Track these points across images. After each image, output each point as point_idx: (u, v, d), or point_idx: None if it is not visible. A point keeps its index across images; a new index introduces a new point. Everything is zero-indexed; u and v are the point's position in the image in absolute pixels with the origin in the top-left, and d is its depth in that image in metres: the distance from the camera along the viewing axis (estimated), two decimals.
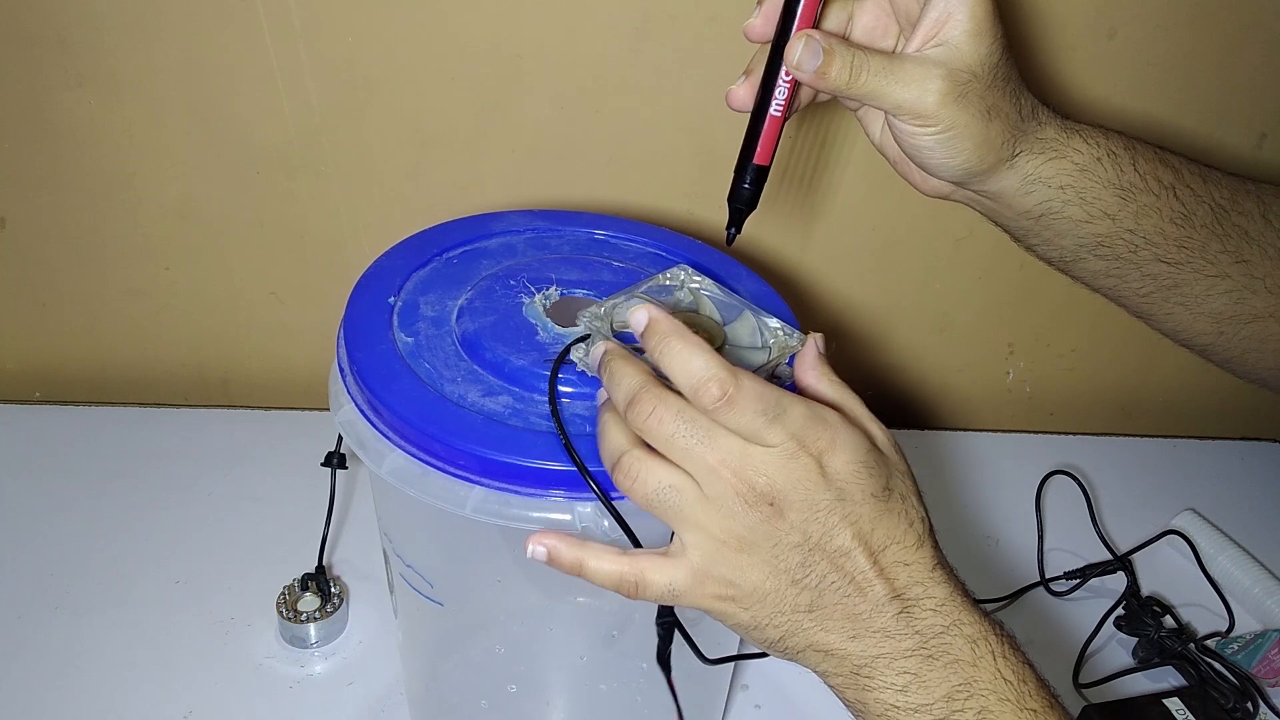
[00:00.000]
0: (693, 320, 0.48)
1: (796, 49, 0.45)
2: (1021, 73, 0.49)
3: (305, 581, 0.71)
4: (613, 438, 0.42)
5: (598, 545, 0.42)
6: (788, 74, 0.47)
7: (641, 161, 0.85)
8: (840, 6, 0.50)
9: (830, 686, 0.42)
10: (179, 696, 0.65)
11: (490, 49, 0.79)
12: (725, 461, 0.40)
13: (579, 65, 0.80)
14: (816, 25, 0.47)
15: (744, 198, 0.49)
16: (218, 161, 0.84)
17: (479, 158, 0.85)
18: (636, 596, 0.42)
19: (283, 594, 0.70)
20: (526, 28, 0.78)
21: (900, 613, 0.40)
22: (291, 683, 0.67)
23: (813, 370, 0.45)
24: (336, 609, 0.70)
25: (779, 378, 0.48)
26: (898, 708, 0.40)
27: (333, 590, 0.71)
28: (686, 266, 0.51)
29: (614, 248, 0.59)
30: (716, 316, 0.50)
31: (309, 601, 0.70)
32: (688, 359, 0.40)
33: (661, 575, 0.41)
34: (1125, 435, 0.99)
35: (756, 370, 0.46)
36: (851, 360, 0.99)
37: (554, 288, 0.54)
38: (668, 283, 0.50)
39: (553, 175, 0.86)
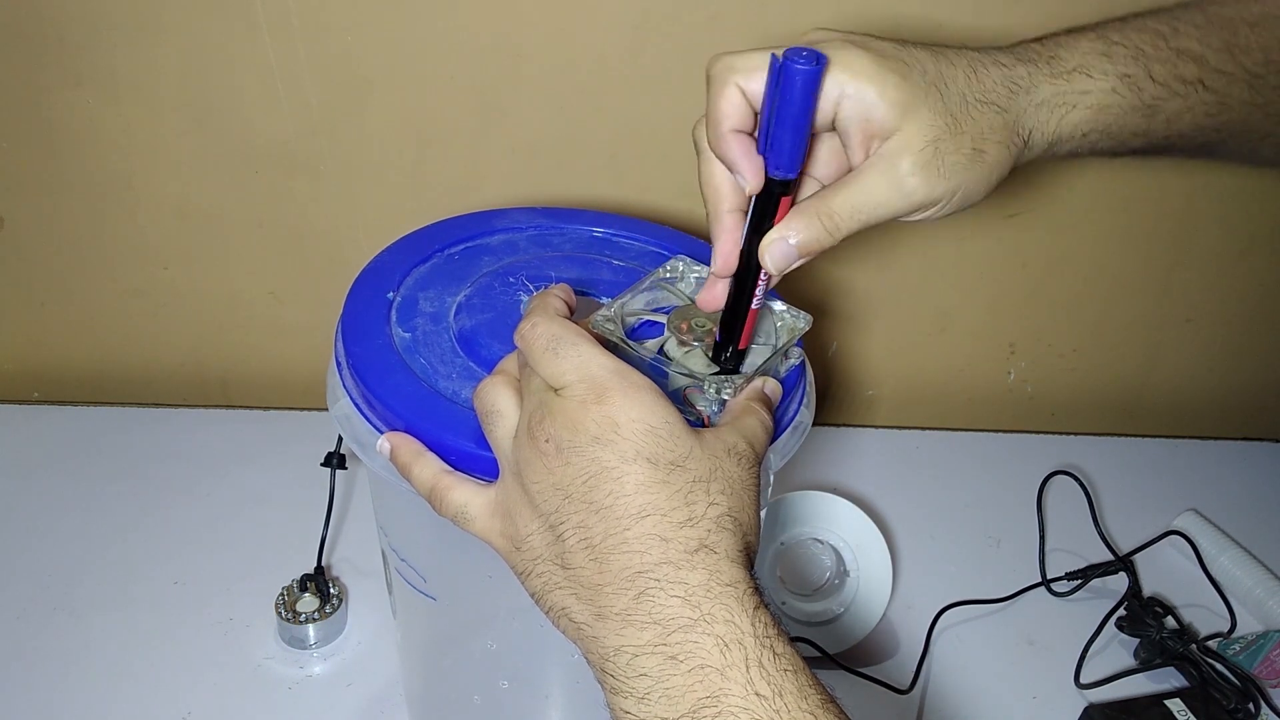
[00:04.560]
0: (700, 311, 0.48)
1: (766, 262, 0.43)
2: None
3: (304, 582, 0.71)
4: (502, 362, 0.44)
5: (431, 456, 0.43)
6: (765, 274, 0.44)
7: (641, 161, 0.85)
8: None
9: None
10: (178, 698, 0.65)
11: (490, 48, 0.79)
12: (531, 398, 0.40)
13: (579, 64, 0.80)
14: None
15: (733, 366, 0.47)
16: (216, 161, 0.84)
17: (479, 157, 0.84)
18: (439, 512, 0.42)
19: (282, 595, 0.70)
20: (526, 26, 0.78)
21: (640, 594, 0.36)
22: (290, 684, 0.67)
23: (744, 399, 0.44)
24: (335, 610, 0.70)
25: (789, 359, 0.49)
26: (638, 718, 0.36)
27: (332, 591, 0.71)
28: (684, 257, 0.51)
29: (614, 246, 0.59)
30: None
31: (308, 602, 0.70)
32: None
33: (459, 495, 0.42)
34: (1127, 435, 0.99)
35: (770, 355, 0.46)
36: (852, 360, 0.99)
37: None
38: (668, 275, 0.50)
39: (552, 174, 0.86)
